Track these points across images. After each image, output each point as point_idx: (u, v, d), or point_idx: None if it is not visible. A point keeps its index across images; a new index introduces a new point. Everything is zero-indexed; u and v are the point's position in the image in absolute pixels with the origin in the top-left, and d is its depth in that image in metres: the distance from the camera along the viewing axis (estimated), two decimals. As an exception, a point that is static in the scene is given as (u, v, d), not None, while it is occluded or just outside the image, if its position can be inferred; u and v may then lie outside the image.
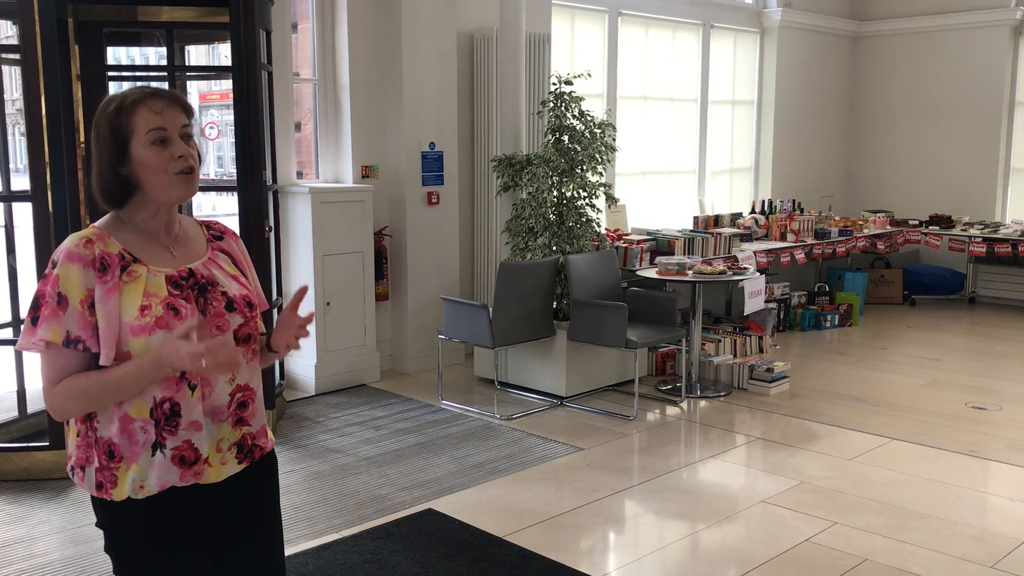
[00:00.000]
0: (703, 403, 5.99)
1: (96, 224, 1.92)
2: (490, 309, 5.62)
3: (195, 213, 5.95)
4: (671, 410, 5.84)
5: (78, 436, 1.91)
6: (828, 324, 8.21)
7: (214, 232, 2.10)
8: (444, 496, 4.37)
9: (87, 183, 5.43)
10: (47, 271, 1.84)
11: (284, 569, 2.15)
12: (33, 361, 4.87)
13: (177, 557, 1.93)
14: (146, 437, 1.86)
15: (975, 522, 4.11)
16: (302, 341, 2.09)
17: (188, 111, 1.93)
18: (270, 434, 2.10)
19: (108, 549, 1.95)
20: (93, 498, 1.92)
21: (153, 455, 1.86)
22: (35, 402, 5.05)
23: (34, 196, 4.39)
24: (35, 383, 4.97)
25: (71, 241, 1.86)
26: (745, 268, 6.46)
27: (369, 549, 3.80)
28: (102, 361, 1.82)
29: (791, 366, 6.52)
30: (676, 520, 4.19)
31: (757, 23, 9.53)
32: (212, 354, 1.76)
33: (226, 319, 1.94)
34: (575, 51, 7.85)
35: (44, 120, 4.35)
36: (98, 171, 1.90)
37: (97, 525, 1.95)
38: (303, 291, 2.04)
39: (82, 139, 5.40)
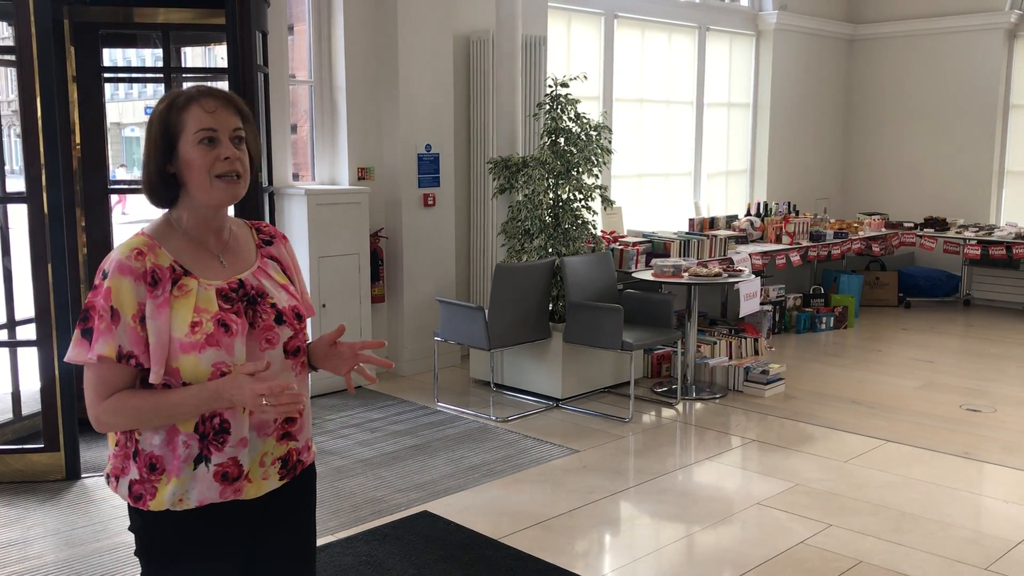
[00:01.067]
0: (699, 405, 5.99)
1: (146, 231, 1.87)
2: (486, 311, 5.63)
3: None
4: (667, 412, 5.85)
5: (116, 446, 1.88)
6: (823, 326, 8.22)
7: (264, 236, 2.04)
8: (440, 498, 4.37)
9: (82, 184, 5.44)
10: (97, 282, 1.80)
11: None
12: (28, 362, 4.87)
13: (208, 569, 1.90)
14: (188, 451, 1.82)
15: (969, 524, 4.12)
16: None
17: (243, 114, 1.89)
18: (313, 447, 2.07)
19: (138, 554, 1.93)
20: (129, 504, 1.89)
21: (195, 469, 1.83)
22: (30, 404, 5.04)
23: (29, 197, 4.39)
24: (30, 385, 4.97)
25: (121, 252, 1.81)
26: (740, 270, 6.47)
27: (364, 551, 3.80)
28: (152, 379, 1.78)
29: (786, 368, 6.53)
30: (671, 522, 4.20)
31: (753, 26, 9.55)
32: (274, 395, 1.72)
33: (276, 332, 1.89)
34: (571, 53, 7.86)
35: (40, 122, 4.34)
36: (146, 168, 1.86)
37: (130, 529, 1.93)
38: (342, 329, 1.99)
39: (78, 140, 5.41)
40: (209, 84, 1.94)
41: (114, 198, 18.39)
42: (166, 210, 1.92)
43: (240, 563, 1.95)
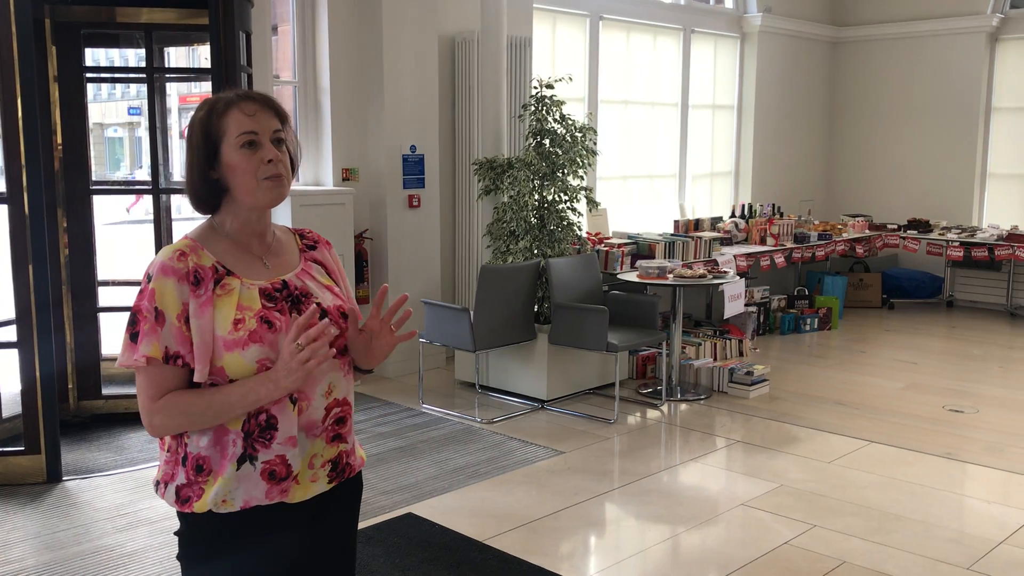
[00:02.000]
0: (683, 406, 6.00)
1: (189, 235, 1.89)
2: (471, 312, 5.62)
3: (174, 215, 5.90)
4: (652, 413, 5.85)
5: (168, 452, 1.87)
6: (807, 328, 8.25)
7: (307, 241, 2.05)
8: (424, 500, 4.36)
9: (64, 185, 5.40)
10: (143, 285, 1.81)
11: None
12: (7, 364, 4.83)
13: (247, 575, 1.88)
14: (234, 450, 1.81)
15: (952, 524, 4.14)
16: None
17: (282, 116, 1.89)
18: (360, 452, 2.04)
19: (180, 558, 1.91)
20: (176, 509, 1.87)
21: (239, 468, 1.81)
22: (10, 406, 5.00)
23: (10, 198, 4.35)
24: (11, 388, 4.93)
25: (164, 254, 1.82)
26: (725, 272, 6.49)
27: (349, 554, 3.78)
28: (197, 377, 1.78)
29: (771, 369, 6.55)
30: (656, 523, 4.20)
31: (737, 28, 9.58)
32: (308, 340, 1.73)
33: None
34: (556, 55, 7.86)
35: (20, 122, 4.30)
36: (189, 175, 1.87)
37: (175, 533, 1.91)
38: (383, 292, 1.94)
39: (60, 141, 5.37)
40: (246, 89, 1.94)
41: (130, 199, 18.24)
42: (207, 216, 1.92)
43: (282, 569, 1.91)
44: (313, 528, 1.93)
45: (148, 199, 5.81)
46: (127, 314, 1.84)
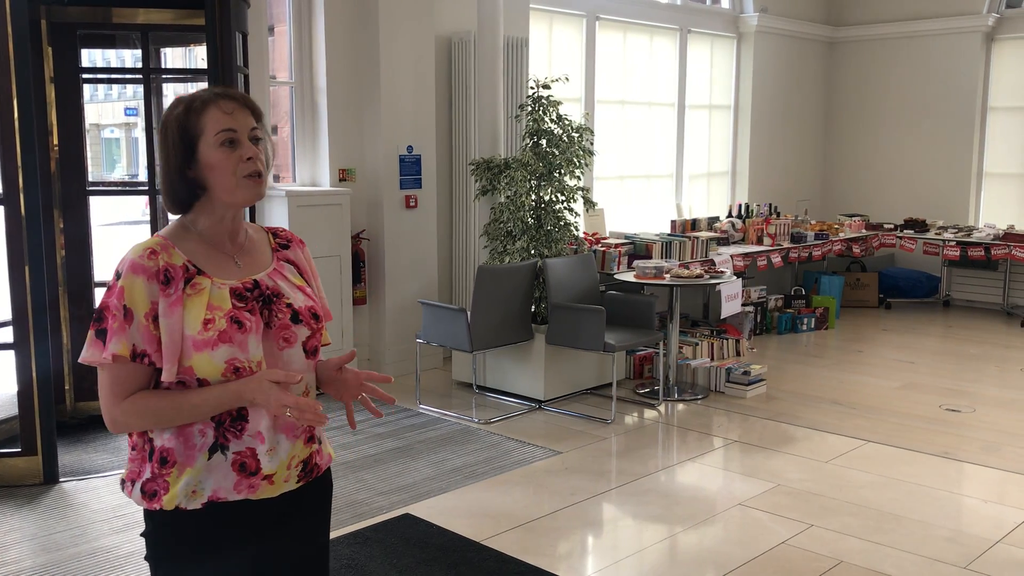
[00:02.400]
0: (680, 406, 6.00)
1: (161, 233, 1.88)
2: (468, 313, 5.62)
3: (171, 217, 5.89)
4: (649, 413, 5.86)
5: (133, 449, 1.86)
6: (804, 327, 8.26)
7: (280, 240, 2.04)
8: (422, 501, 4.36)
9: (61, 186, 5.39)
10: (111, 282, 1.80)
11: None
12: (4, 365, 4.81)
13: (217, 573, 1.88)
14: (204, 440, 1.81)
15: (949, 523, 4.14)
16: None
17: (257, 114, 1.89)
18: (328, 449, 2.04)
19: (148, 559, 1.90)
20: (144, 508, 1.87)
21: (210, 458, 1.81)
22: (7, 408, 4.99)
23: (6, 199, 4.34)
24: (7, 389, 4.92)
25: (135, 252, 1.81)
26: (722, 272, 6.49)
27: (346, 555, 3.78)
28: (164, 377, 1.77)
29: (768, 369, 6.55)
30: (654, 523, 4.20)
31: (734, 28, 9.58)
32: (299, 410, 1.75)
33: (293, 331, 1.89)
34: (553, 55, 7.86)
35: (16, 123, 4.30)
36: (165, 174, 1.86)
37: (141, 535, 1.90)
38: (352, 356, 1.98)
39: (56, 142, 5.36)
40: (222, 87, 1.93)
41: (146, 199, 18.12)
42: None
43: (250, 568, 1.92)
44: (281, 526, 1.93)
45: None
46: None
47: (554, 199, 6.15)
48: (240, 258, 1.92)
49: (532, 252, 6.03)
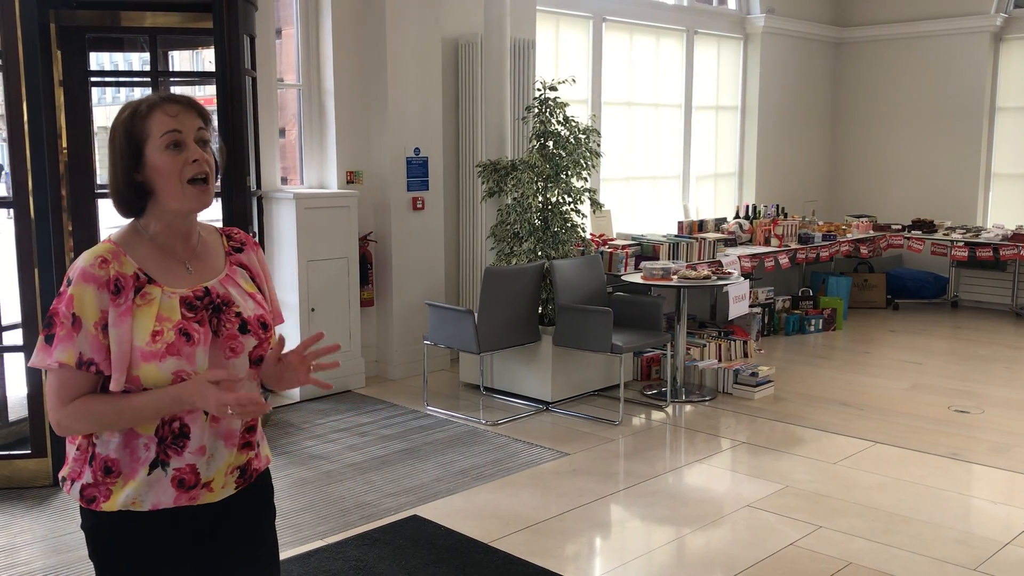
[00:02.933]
0: (688, 408, 6.00)
1: (112, 238, 1.88)
2: (475, 314, 5.62)
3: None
4: (656, 415, 5.85)
5: (77, 450, 1.89)
6: (812, 328, 8.24)
7: (234, 244, 2.04)
8: (429, 502, 4.36)
9: (69, 188, 5.41)
10: (62, 288, 1.82)
11: None
12: (14, 369, 4.84)
13: (160, 571, 1.90)
14: (147, 454, 1.84)
15: (958, 525, 4.13)
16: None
17: (204, 116, 1.90)
18: (265, 451, 2.06)
19: (92, 556, 1.94)
20: (80, 505, 1.90)
21: (150, 473, 1.84)
22: (17, 410, 5.01)
23: (16, 201, 4.36)
24: (17, 391, 4.94)
25: (86, 259, 1.82)
26: (729, 273, 6.48)
27: (354, 556, 3.78)
28: (112, 387, 1.79)
29: (775, 370, 6.54)
30: (662, 525, 4.20)
31: (740, 29, 9.58)
32: (240, 406, 1.76)
33: (240, 341, 1.90)
34: (560, 57, 7.87)
35: (26, 126, 4.32)
36: (113, 178, 1.86)
37: (82, 527, 1.93)
38: (317, 337, 1.99)
39: (64, 145, 5.38)
40: (168, 92, 1.95)
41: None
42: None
43: (195, 567, 1.94)
44: (223, 527, 1.96)
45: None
46: None
47: (561, 200, 6.16)
48: (192, 263, 1.93)
49: (539, 254, 6.03)
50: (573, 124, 6.17)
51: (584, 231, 6.38)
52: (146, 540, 1.88)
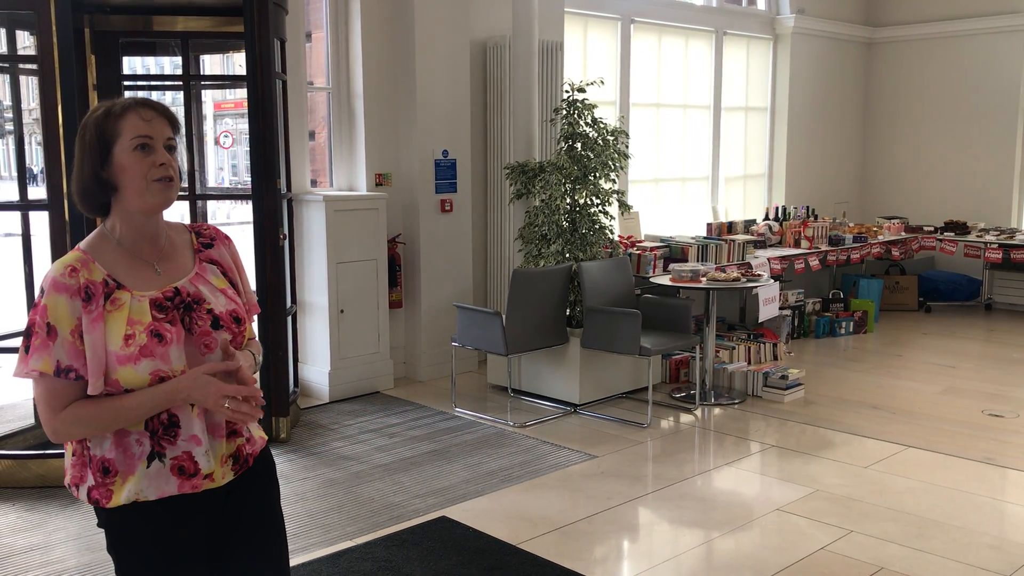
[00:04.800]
0: (717, 411, 5.97)
1: (81, 246, 1.92)
2: (503, 316, 5.63)
3: (211, 221, 5.97)
4: (685, 418, 5.83)
5: (73, 455, 1.93)
6: (843, 331, 8.17)
7: (204, 240, 2.07)
8: (458, 504, 4.37)
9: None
10: (37, 299, 1.86)
11: (287, 570, 2.13)
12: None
13: (176, 559, 1.94)
14: (142, 449, 1.87)
15: (992, 530, 4.08)
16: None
17: (175, 125, 1.95)
18: (258, 434, 2.08)
19: (109, 550, 1.98)
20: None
21: (149, 466, 1.87)
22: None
23: (51, 205, 4.43)
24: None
25: (56, 269, 1.86)
26: (759, 275, 6.44)
27: (383, 557, 3.80)
28: (90, 391, 1.83)
29: (806, 373, 6.49)
30: (690, 528, 4.18)
31: (770, 30, 9.52)
32: (237, 401, 1.82)
33: (213, 337, 1.93)
34: (588, 59, 7.86)
35: (61, 130, 4.37)
36: (79, 173, 1.91)
37: (98, 525, 1.98)
38: (230, 351, 1.95)
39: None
40: (144, 97, 1.99)
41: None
42: (99, 223, 1.97)
43: (206, 553, 1.98)
44: (229, 510, 2.00)
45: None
46: None
47: (589, 202, 6.15)
48: (160, 264, 1.95)
49: (567, 255, 6.02)
50: (601, 126, 6.16)
51: (612, 233, 6.37)
52: (157, 529, 1.92)
